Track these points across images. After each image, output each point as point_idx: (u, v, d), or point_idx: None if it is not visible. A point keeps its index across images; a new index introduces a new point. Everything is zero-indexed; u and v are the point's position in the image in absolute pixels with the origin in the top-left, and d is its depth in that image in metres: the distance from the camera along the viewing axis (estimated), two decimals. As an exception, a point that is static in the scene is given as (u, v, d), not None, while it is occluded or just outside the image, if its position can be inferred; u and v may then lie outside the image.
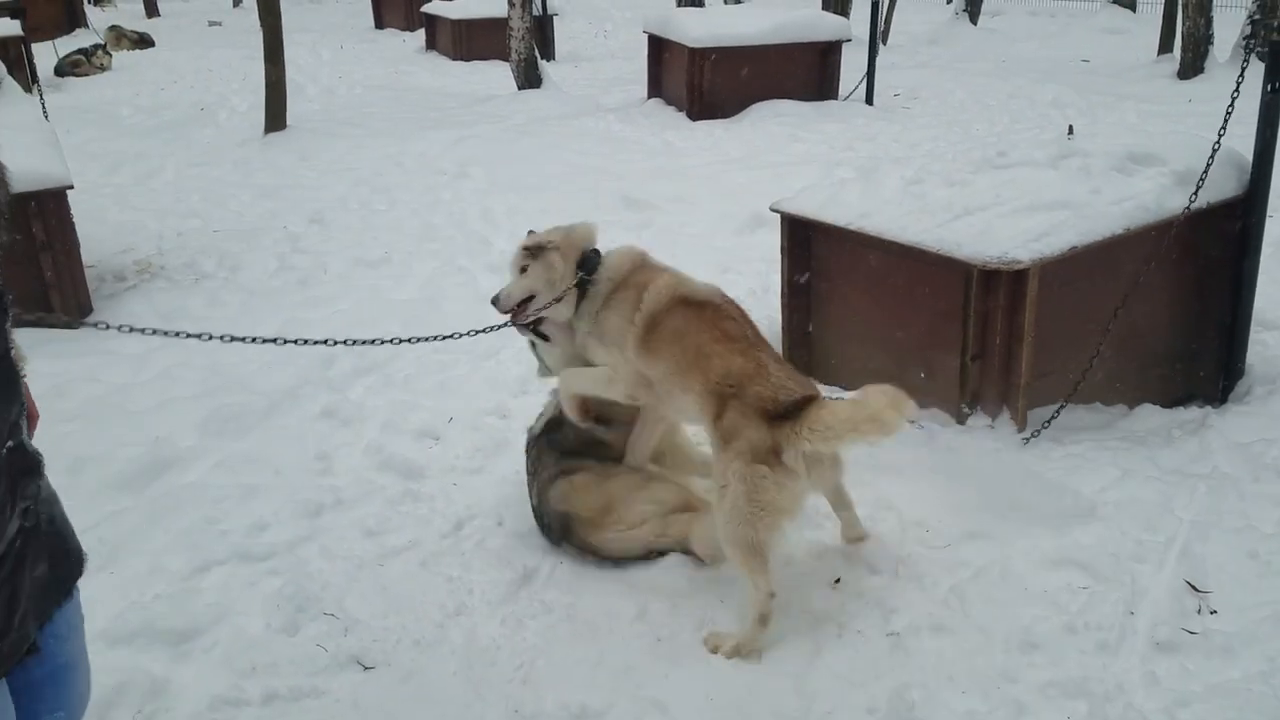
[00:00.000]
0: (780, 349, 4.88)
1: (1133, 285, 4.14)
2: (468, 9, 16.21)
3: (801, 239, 4.68)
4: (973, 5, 18.56)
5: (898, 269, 4.22)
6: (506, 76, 13.00)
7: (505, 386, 4.77)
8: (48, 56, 14.61)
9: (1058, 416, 3.95)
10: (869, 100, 11.31)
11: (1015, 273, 3.77)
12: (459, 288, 6.18)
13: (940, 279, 4.03)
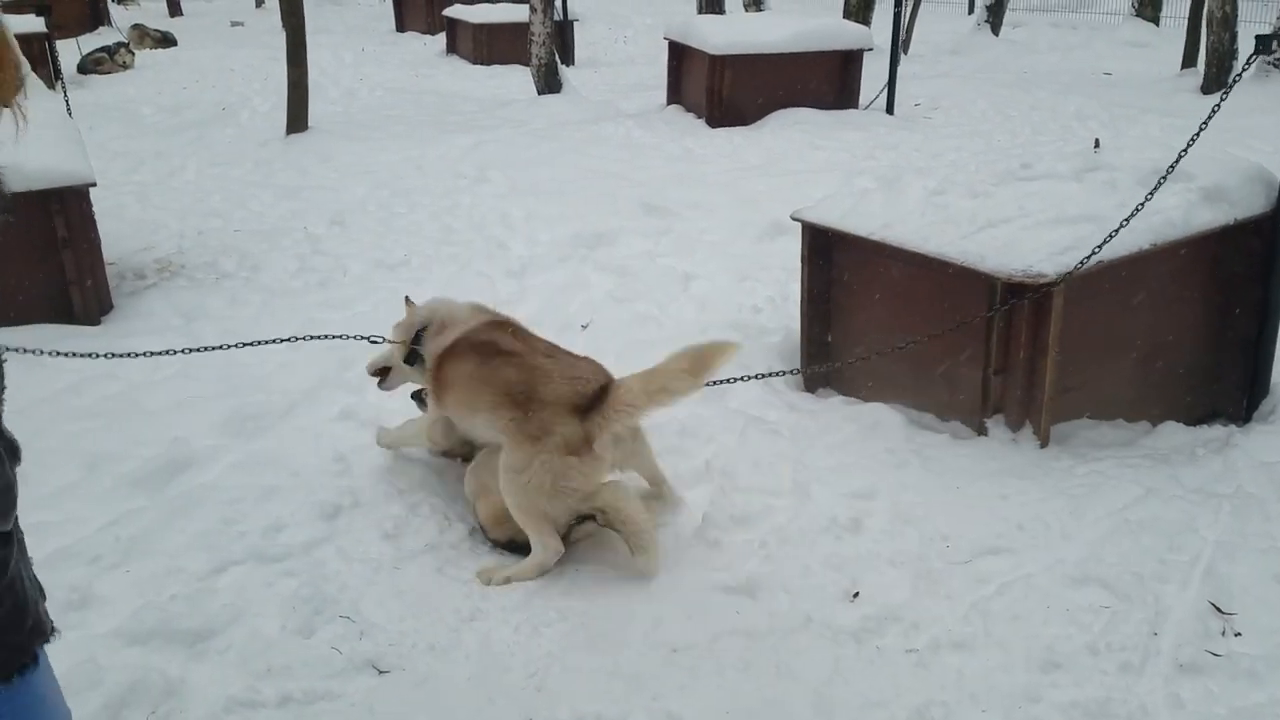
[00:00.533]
0: (799, 358, 4.87)
1: (1158, 301, 4.10)
2: (489, 13, 16.27)
3: (822, 248, 4.65)
4: (994, 16, 18.49)
5: (920, 280, 4.19)
6: (526, 81, 13.01)
7: (522, 391, 4.76)
8: (71, 54, 14.71)
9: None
10: (890, 109, 11.27)
11: (1040, 286, 3.73)
12: (477, 292, 6.14)
13: (963, 291, 4.00)
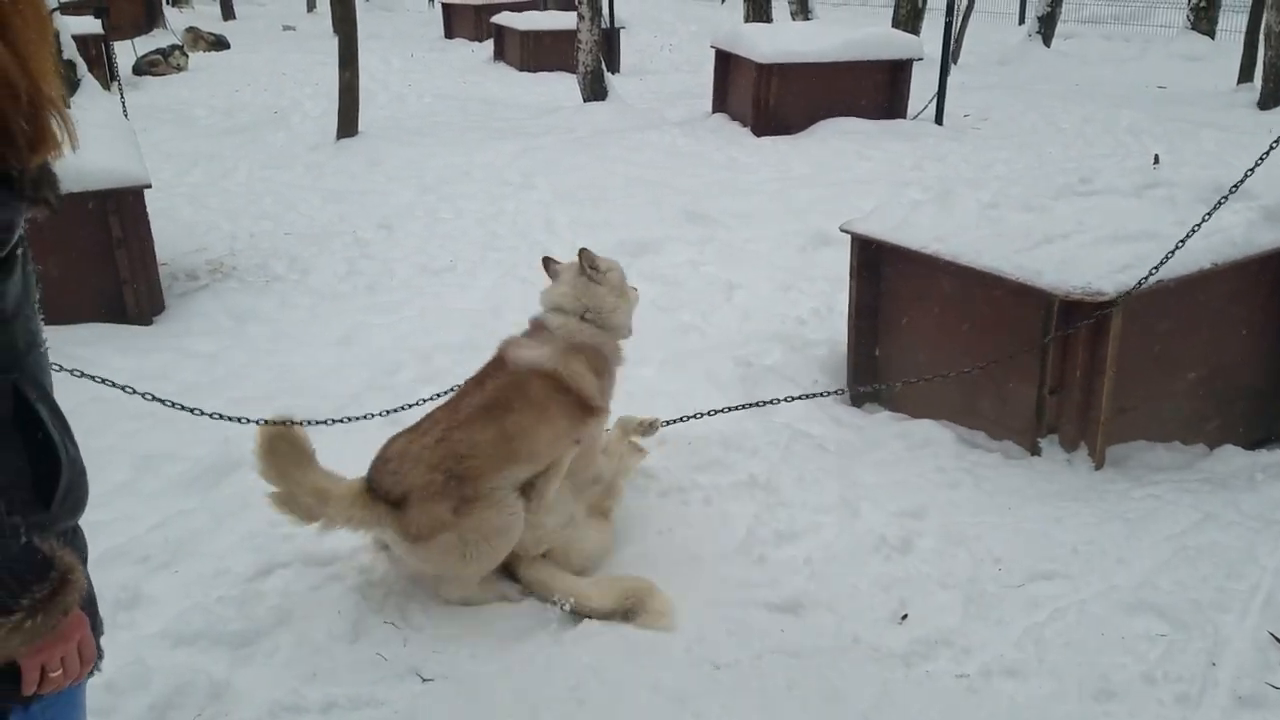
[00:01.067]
0: (845, 372, 4.82)
1: (1217, 321, 4.01)
2: (536, 21, 16.36)
3: (871, 261, 4.60)
4: (1046, 27, 18.23)
5: (973, 295, 4.13)
6: (572, 88, 13.06)
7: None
8: (127, 55, 14.98)
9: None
10: (939, 120, 11.16)
11: (1098, 304, 3.66)
12: (522, 298, 6.17)
13: (1018, 308, 3.93)
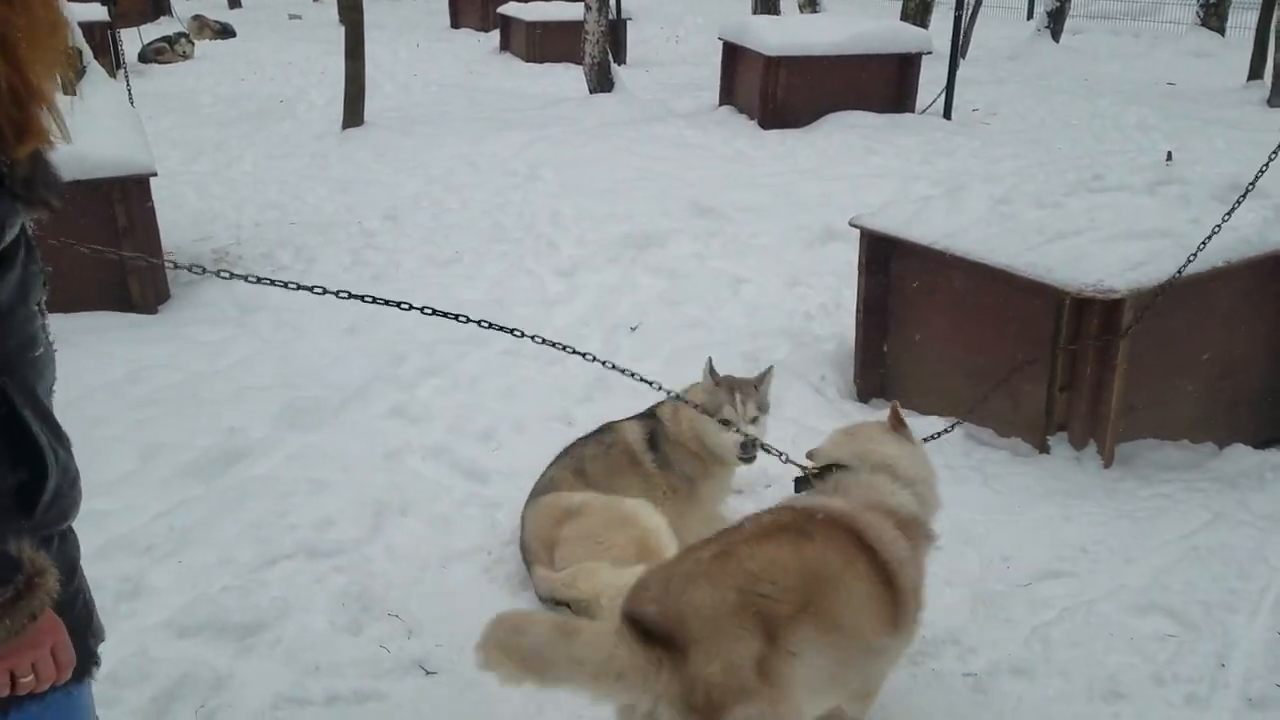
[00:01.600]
0: (853, 368, 4.79)
1: (1229, 320, 3.97)
2: (543, 11, 16.28)
3: (881, 256, 4.57)
4: (1055, 22, 18.12)
5: (983, 292, 4.10)
6: (578, 79, 13.00)
7: (570, 393, 4.74)
8: (133, 43, 14.95)
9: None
10: (947, 115, 11.10)
11: (1110, 302, 3.63)
12: (527, 290, 6.17)
13: (1029, 305, 3.90)
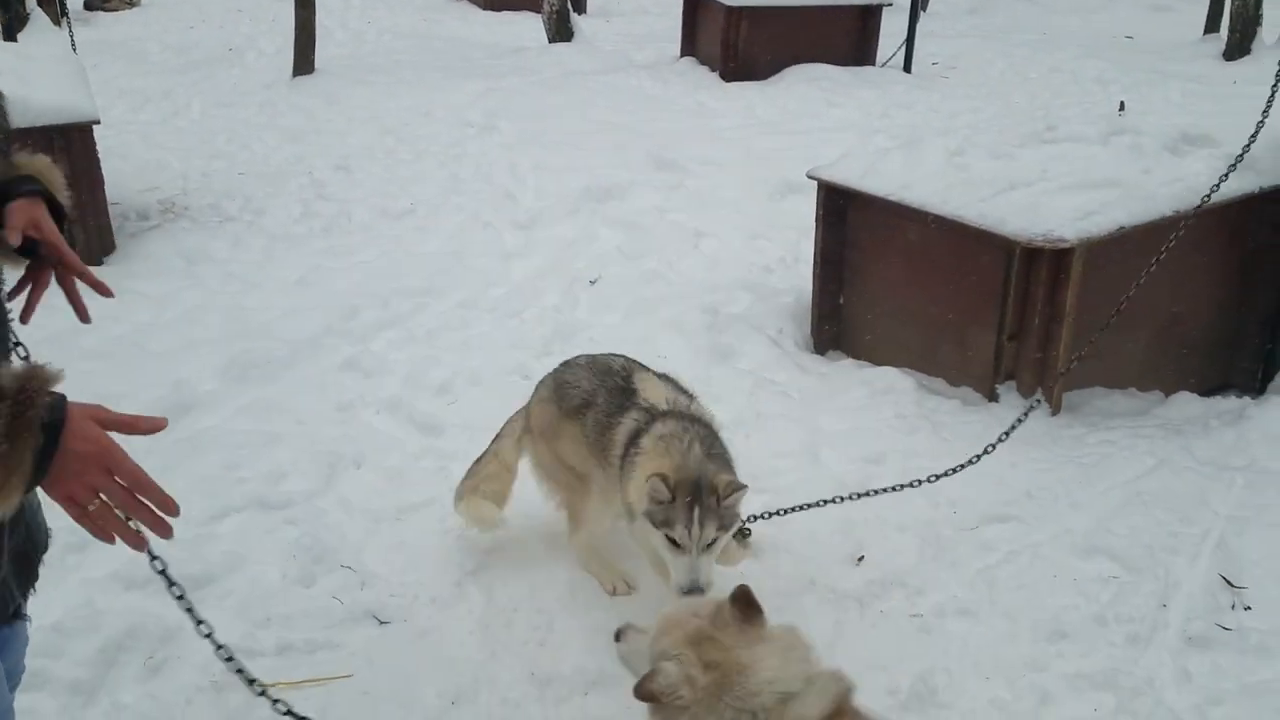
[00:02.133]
0: (809, 321, 4.81)
1: (1177, 269, 4.01)
2: (501, -42, 15.96)
3: (838, 208, 4.57)
4: (1015, -25, 18.11)
5: (937, 243, 4.12)
6: (537, 28, 12.79)
7: (528, 346, 4.71)
8: (77, -10, 14.48)
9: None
10: (907, 68, 11.07)
11: (1059, 252, 3.66)
12: (484, 244, 6.10)
13: (981, 255, 3.92)
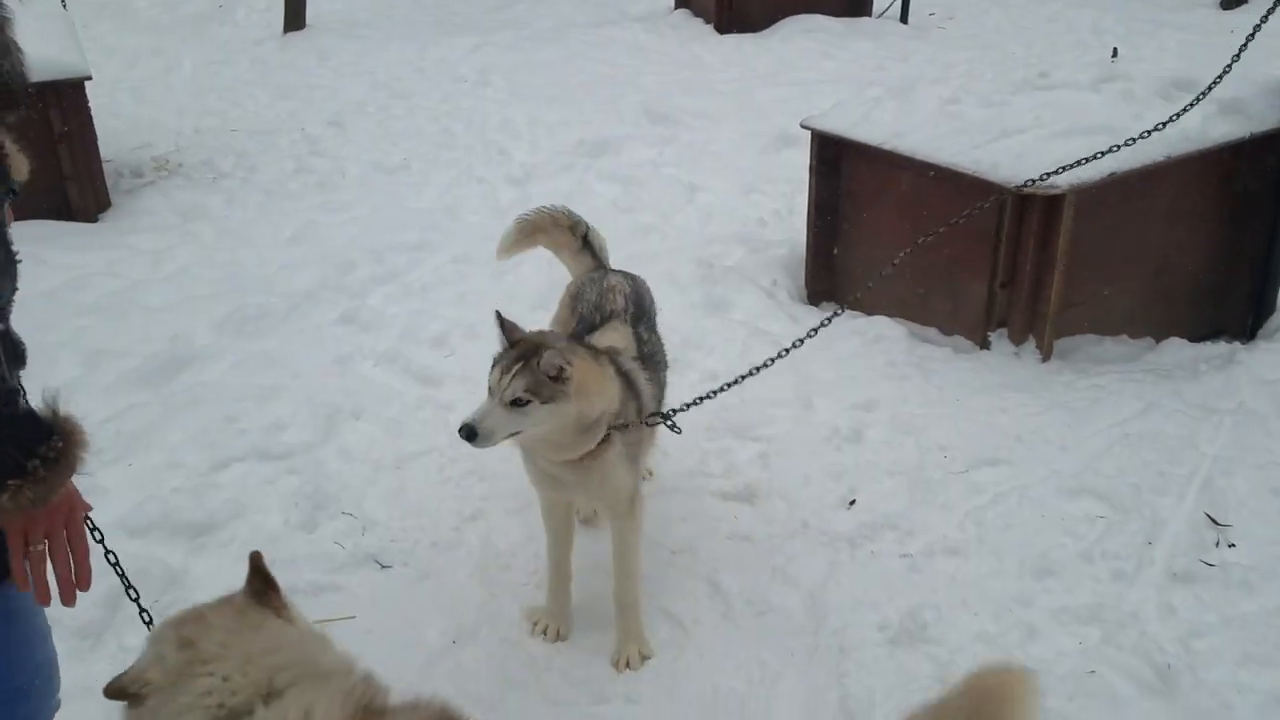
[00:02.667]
0: (804, 272, 4.83)
1: (1168, 215, 4.04)
2: (492, -89, 15.74)
3: (831, 158, 4.56)
4: (1014, -76, 17.87)
5: (930, 191, 4.12)
6: (530, -19, 12.64)
7: (523, 299, 4.72)
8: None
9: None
10: (904, 19, 10.97)
11: (1050, 198, 3.67)
12: (478, 199, 6.10)
13: (973, 202, 3.93)
